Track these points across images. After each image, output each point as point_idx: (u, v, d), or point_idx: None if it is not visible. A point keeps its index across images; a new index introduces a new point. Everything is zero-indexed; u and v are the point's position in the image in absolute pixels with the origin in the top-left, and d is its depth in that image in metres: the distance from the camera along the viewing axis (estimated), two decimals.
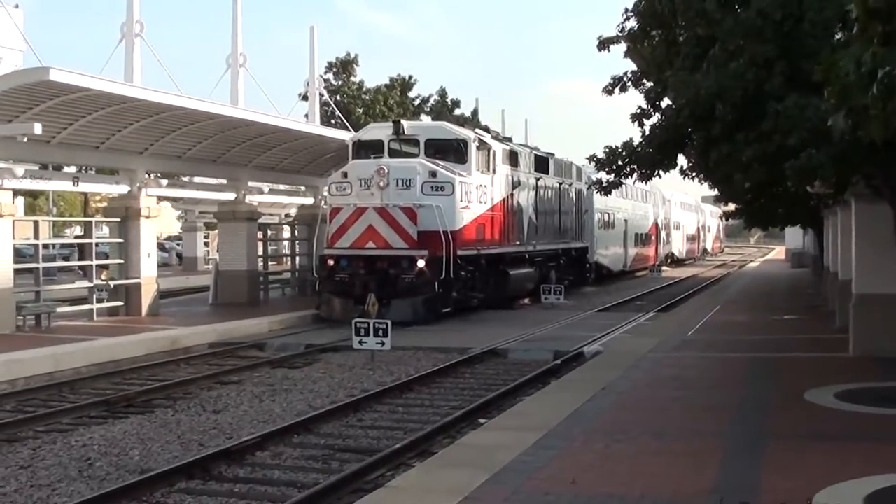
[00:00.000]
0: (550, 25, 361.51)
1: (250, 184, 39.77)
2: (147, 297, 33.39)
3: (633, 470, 11.45)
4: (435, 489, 10.79)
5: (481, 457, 12.09)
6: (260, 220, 41.35)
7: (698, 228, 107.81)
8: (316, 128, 43.85)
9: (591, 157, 18.66)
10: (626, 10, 18.43)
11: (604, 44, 19.22)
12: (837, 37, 14.18)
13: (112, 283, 33.05)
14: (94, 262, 32.93)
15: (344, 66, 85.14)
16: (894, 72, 7.17)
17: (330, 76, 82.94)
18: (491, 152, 36.43)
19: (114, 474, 13.73)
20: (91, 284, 32.45)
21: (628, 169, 18.29)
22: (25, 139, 26.69)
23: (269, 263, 44.69)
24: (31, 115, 26.88)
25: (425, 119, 78.30)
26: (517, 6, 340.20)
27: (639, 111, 18.48)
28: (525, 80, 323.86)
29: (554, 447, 12.59)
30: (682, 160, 19.53)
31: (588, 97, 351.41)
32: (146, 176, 33.98)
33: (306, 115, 59.55)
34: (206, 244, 72.29)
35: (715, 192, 38.78)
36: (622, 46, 19.38)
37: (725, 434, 13.72)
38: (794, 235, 78.66)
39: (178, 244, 79.33)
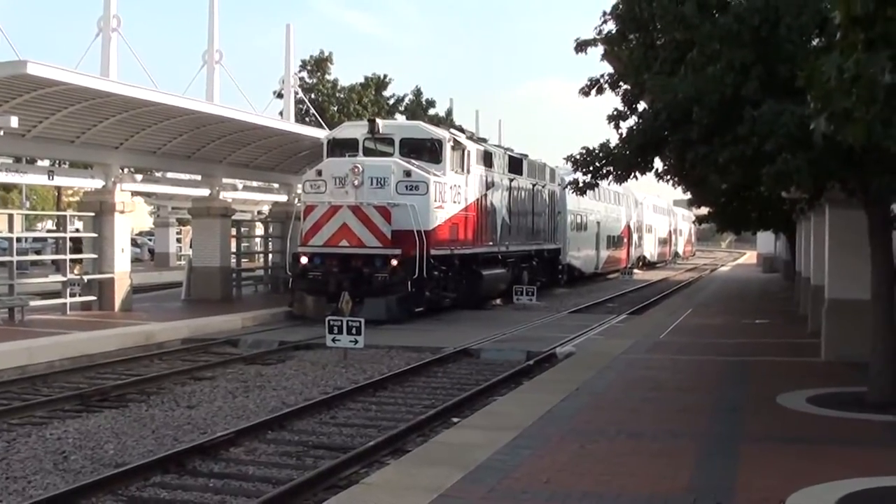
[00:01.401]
0: (524, 26, 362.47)
1: (224, 180, 39.84)
2: (120, 292, 33.32)
3: (609, 469, 11.50)
4: (411, 486, 10.81)
5: (456, 455, 12.13)
6: (233, 217, 41.28)
7: (670, 232, 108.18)
8: (291, 125, 43.84)
9: (568, 158, 18.68)
10: (605, 13, 18.47)
11: (581, 46, 19.24)
12: (815, 42, 14.28)
13: (85, 278, 32.99)
14: (68, 257, 32.89)
15: (318, 65, 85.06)
16: (877, 77, 7.26)
17: (304, 74, 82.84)
18: (465, 152, 36.50)
19: (89, 467, 13.73)
20: (65, 279, 32.39)
21: (605, 171, 18.31)
22: (1, 132, 26.58)
23: (242, 260, 44.64)
24: (8, 109, 26.83)
25: (400, 118, 78.30)
26: (491, 7, 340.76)
27: (615, 113, 18.51)
28: (499, 80, 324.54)
29: (529, 446, 12.64)
30: (657, 163, 19.58)
31: (562, 97, 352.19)
32: (121, 171, 33.92)
33: (281, 113, 59.44)
34: (179, 240, 72.18)
35: (688, 195, 38.92)
36: (599, 49, 19.45)
37: (700, 435, 13.80)
38: (766, 240, 78.86)
39: (150, 240, 79.14)
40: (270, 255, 45.19)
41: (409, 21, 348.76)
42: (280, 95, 63.56)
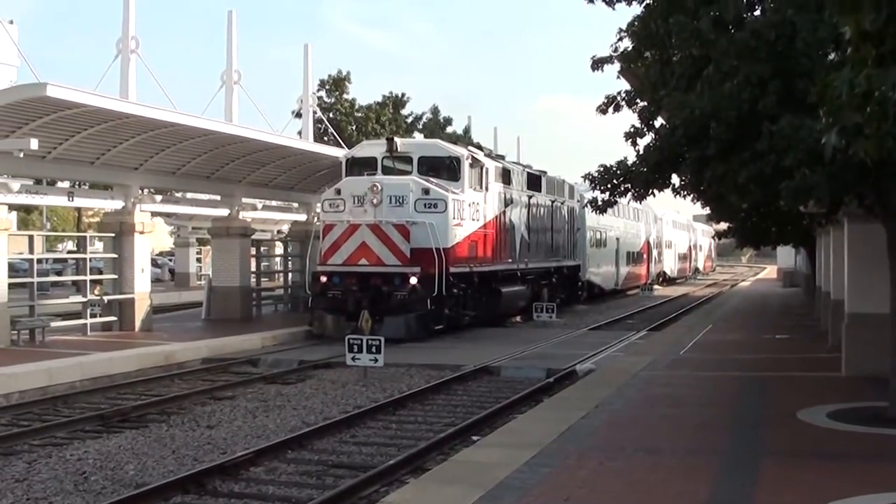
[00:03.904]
0: (541, 42, 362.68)
1: (244, 200, 39.90)
2: (140, 313, 33.44)
3: (628, 487, 11.47)
4: None
5: (475, 473, 12.10)
6: (253, 237, 41.36)
7: (690, 247, 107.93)
8: (309, 145, 43.91)
9: (587, 176, 18.73)
10: (620, 31, 18.52)
11: (597, 63, 19.31)
12: (831, 56, 14.25)
13: (106, 298, 33.09)
14: (88, 277, 33.00)
15: (336, 84, 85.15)
16: (888, 93, 7.25)
17: (322, 93, 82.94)
18: (484, 170, 36.52)
19: (109, 488, 13.75)
20: (85, 299, 32.51)
21: (623, 188, 18.34)
22: (21, 154, 26.69)
23: (262, 279, 44.72)
24: (28, 131, 26.95)
25: (418, 136, 78.37)
26: (507, 24, 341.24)
27: (632, 130, 18.52)
28: (517, 96, 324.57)
29: (548, 464, 12.60)
30: (675, 179, 19.59)
31: (580, 114, 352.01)
32: (140, 192, 34.04)
33: (300, 132, 59.44)
34: (199, 260, 72.28)
35: (707, 210, 38.84)
36: (615, 66, 19.49)
37: (719, 452, 13.73)
38: (786, 254, 78.68)
39: (170, 260, 79.27)
40: (290, 275, 45.25)
41: (426, 39, 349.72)
42: (298, 115, 63.54)
